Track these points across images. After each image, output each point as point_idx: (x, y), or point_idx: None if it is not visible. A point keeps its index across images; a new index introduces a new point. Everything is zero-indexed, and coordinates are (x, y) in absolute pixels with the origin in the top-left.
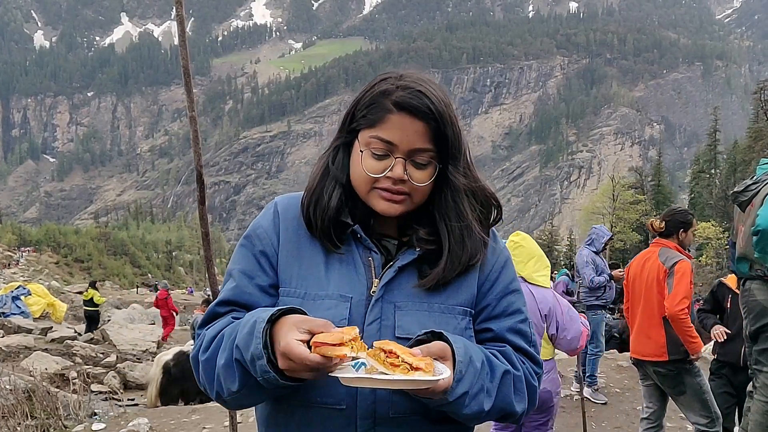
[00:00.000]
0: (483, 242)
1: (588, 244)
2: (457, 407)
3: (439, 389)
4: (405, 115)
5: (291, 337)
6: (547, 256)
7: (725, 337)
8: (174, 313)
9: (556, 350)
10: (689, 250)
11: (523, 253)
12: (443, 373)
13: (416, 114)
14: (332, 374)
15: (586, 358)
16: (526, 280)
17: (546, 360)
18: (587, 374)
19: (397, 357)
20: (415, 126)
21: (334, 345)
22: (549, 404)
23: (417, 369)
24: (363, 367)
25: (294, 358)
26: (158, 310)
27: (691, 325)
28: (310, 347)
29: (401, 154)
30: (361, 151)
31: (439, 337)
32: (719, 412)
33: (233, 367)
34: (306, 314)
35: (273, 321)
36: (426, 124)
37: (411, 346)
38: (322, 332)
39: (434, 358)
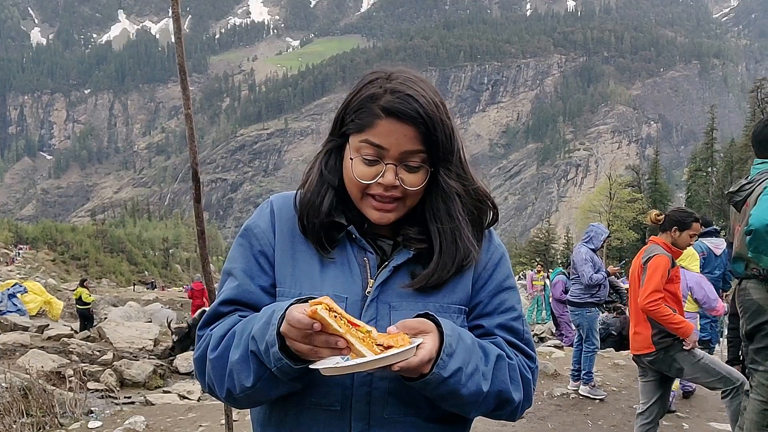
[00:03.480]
0: (475, 243)
1: (586, 242)
2: (455, 385)
3: (422, 362)
4: (394, 120)
5: (293, 338)
6: (544, 255)
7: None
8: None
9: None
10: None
11: (686, 257)
12: (414, 344)
13: (405, 119)
14: (312, 366)
15: (582, 356)
16: (685, 268)
17: (691, 312)
18: (583, 371)
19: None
20: (404, 130)
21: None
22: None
23: (388, 347)
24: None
25: (307, 355)
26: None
27: (668, 312)
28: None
29: (392, 160)
30: (351, 158)
31: (426, 317)
32: (729, 371)
33: (248, 360)
34: None
35: None
36: (415, 128)
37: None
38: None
39: (415, 334)
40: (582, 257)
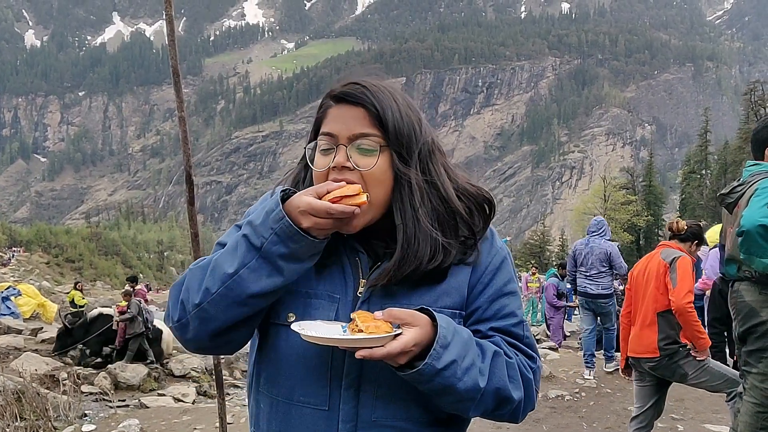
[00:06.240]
0: (444, 240)
1: (603, 235)
2: (450, 378)
3: (390, 354)
4: (342, 104)
5: (308, 196)
6: (539, 257)
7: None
8: None
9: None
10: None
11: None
12: (390, 335)
13: (352, 101)
14: (294, 329)
15: (608, 336)
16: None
17: None
18: (610, 351)
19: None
20: (352, 112)
21: (353, 196)
22: None
23: (360, 331)
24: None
25: (319, 212)
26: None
27: (698, 319)
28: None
29: (343, 142)
30: (310, 149)
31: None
32: (734, 372)
33: (236, 248)
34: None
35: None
36: (365, 109)
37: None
38: (327, 191)
39: (402, 324)
40: (617, 250)
